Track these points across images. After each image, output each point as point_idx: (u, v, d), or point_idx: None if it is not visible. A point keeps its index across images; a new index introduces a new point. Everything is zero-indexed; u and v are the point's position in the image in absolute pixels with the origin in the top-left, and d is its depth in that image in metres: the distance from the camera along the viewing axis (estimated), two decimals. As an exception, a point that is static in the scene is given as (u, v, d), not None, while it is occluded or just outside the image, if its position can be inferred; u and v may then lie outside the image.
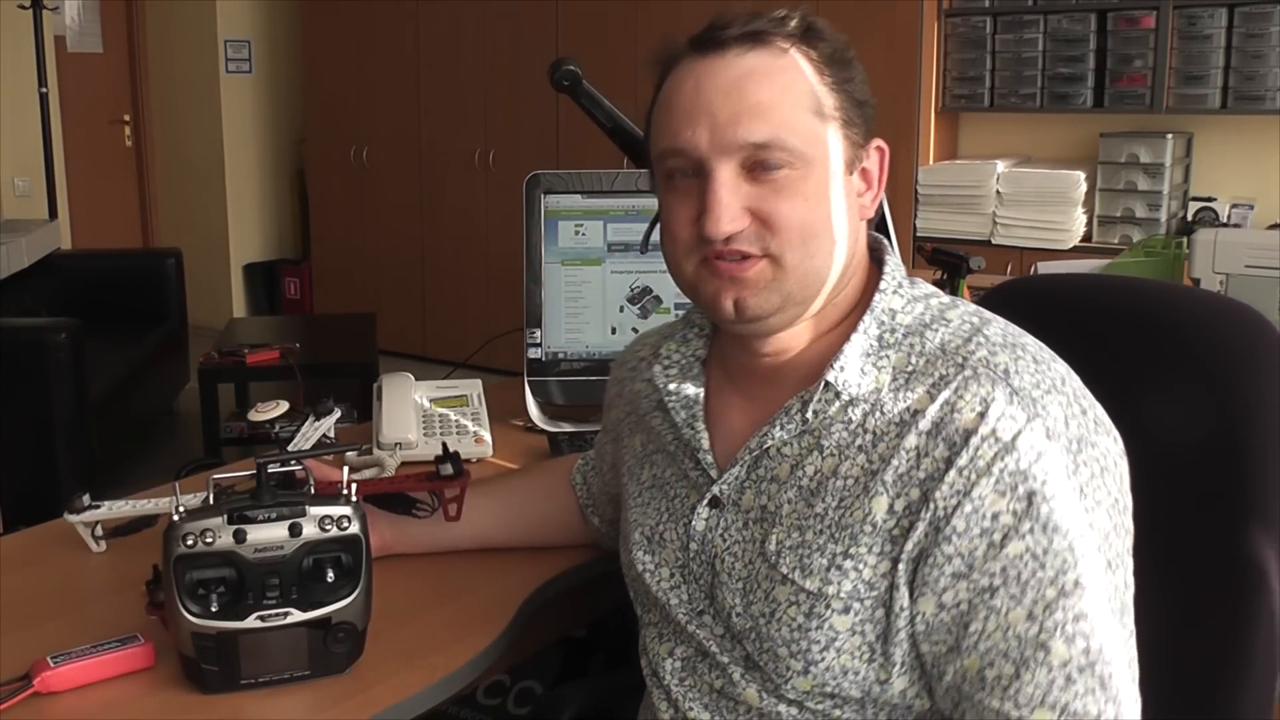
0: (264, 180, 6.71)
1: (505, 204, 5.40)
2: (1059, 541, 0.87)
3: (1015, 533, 0.87)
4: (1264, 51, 3.84)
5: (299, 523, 1.04)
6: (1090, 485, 0.89)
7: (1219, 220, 4.08)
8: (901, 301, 1.01)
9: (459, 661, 1.14)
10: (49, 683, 1.05)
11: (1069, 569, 0.86)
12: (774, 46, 0.97)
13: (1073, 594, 0.86)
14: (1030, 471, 0.87)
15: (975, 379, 0.92)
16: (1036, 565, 0.87)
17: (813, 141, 0.96)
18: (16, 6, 5.09)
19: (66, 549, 1.35)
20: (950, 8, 4.36)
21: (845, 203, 0.99)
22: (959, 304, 1.02)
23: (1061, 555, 0.87)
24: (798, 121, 0.96)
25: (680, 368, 1.11)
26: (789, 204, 0.96)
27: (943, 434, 0.91)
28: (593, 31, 5.03)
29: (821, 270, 0.98)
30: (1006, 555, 0.87)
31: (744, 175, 0.96)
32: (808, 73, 0.97)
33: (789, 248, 0.96)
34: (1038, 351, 0.96)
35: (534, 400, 1.80)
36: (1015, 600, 0.87)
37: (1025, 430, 0.88)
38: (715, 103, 0.96)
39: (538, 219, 1.79)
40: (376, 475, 1.61)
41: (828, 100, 0.97)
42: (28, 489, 3.51)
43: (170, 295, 4.95)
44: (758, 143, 0.95)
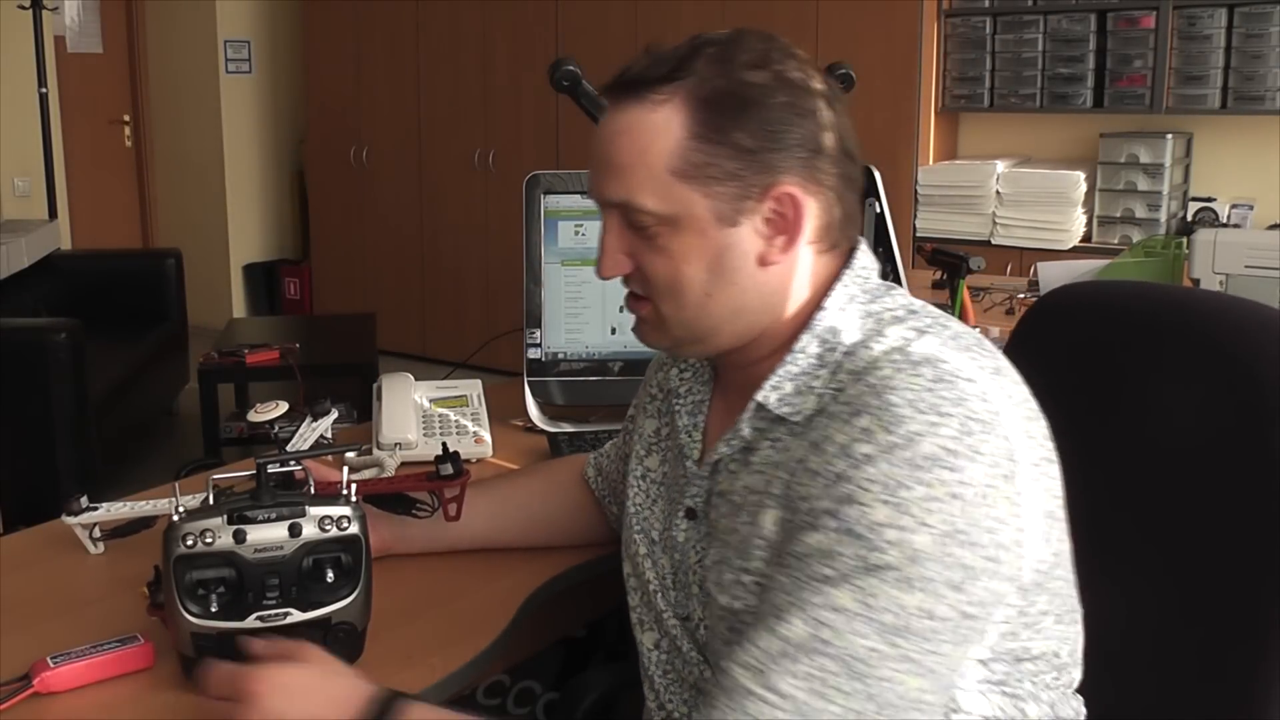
0: (264, 180, 6.71)
1: (505, 204, 5.40)
2: (850, 545, 0.86)
3: (820, 526, 0.87)
4: (1264, 51, 3.84)
5: (299, 523, 1.04)
6: (921, 506, 0.85)
7: (1219, 220, 4.08)
8: (849, 319, 0.99)
9: (459, 661, 1.14)
10: (49, 683, 1.05)
11: (848, 569, 0.85)
12: (648, 100, 0.96)
13: (839, 587, 0.85)
14: (854, 476, 0.87)
15: (864, 393, 0.90)
16: (823, 560, 0.86)
17: (672, 202, 0.96)
18: (16, 6, 5.09)
19: (66, 549, 1.35)
20: (950, 8, 4.36)
21: (726, 257, 0.97)
22: (913, 318, 0.98)
23: (848, 558, 0.85)
24: (653, 184, 0.96)
25: (694, 370, 1.12)
26: (654, 259, 0.98)
27: (810, 436, 0.93)
28: (593, 31, 5.03)
29: (698, 320, 1.00)
30: (805, 542, 0.88)
31: (626, 224, 0.99)
32: (676, 128, 0.95)
33: (662, 300, 1.00)
34: (953, 370, 0.90)
35: (534, 400, 1.80)
36: (791, 579, 0.88)
37: (869, 442, 0.87)
38: (597, 156, 1.00)
39: (538, 219, 1.79)
40: (376, 475, 1.61)
41: (694, 158, 0.95)
42: (28, 489, 3.51)
43: (170, 295, 4.95)
44: (616, 202, 0.98)
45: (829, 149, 0.98)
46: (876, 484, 0.86)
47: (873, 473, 0.86)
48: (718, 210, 0.96)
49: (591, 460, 1.39)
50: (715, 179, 0.95)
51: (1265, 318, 1.11)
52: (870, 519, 0.85)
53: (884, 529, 0.85)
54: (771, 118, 0.95)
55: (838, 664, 0.85)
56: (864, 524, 0.85)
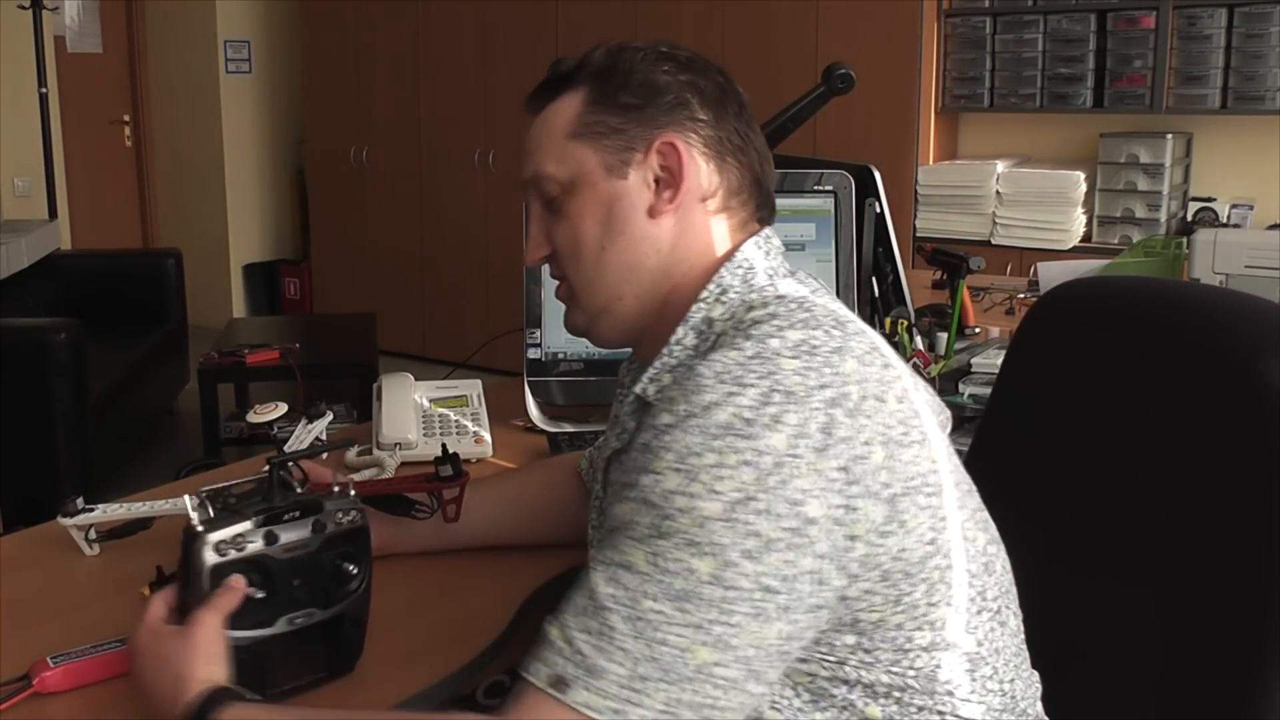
0: (264, 180, 6.71)
1: (505, 204, 5.40)
2: (645, 515, 0.87)
3: (624, 498, 0.90)
4: (1264, 51, 3.84)
5: (321, 519, 1.03)
6: (710, 473, 0.85)
7: (1219, 220, 4.08)
8: (722, 309, 1.01)
9: (459, 661, 1.14)
10: (49, 683, 1.05)
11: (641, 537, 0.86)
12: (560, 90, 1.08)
13: (630, 550, 0.87)
14: (653, 444, 0.89)
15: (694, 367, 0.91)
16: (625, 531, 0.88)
17: (568, 162, 1.06)
18: (16, 6, 5.09)
19: (66, 549, 1.35)
20: (950, 8, 4.36)
21: (616, 208, 1.05)
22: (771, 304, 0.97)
23: (643, 527, 0.87)
24: (555, 150, 1.07)
25: (633, 371, 1.16)
26: (561, 227, 1.07)
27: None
28: (593, 31, 5.03)
29: (597, 280, 1.06)
30: (613, 513, 0.91)
31: (543, 207, 1.09)
32: (576, 103, 1.06)
33: (567, 267, 1.07)
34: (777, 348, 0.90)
35: (534, 400, 1.80)
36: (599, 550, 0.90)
37: (669, 411, 0.89)
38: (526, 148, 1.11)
39: (538, 219, 1.79)
40: (375, 476, 1.61)
41: (587, 119, 1.05)
42: (28, 489, 3.51)
43: (170, 295, 4.95)
44: (526, 180, 1.08)
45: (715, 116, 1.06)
46: (670, 452, 0.87)
47: (668, 440, 0.88)
48: (606, 162, 1.04)
49: (586, 455, 1.40)
50: (602, 134, 1.05)
51: (1266, 311, 1.11)
52: (663, 487, 0.87)
53: (674, 496, 0.86)
54: (653, 80, 1.05)
55: (626, 623, 0.85)
56: (657, 492, 0.87)
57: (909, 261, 3.71)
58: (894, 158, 4.29)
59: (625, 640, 0.85)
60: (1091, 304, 1.27)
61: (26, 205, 5.76)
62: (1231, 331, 1.11)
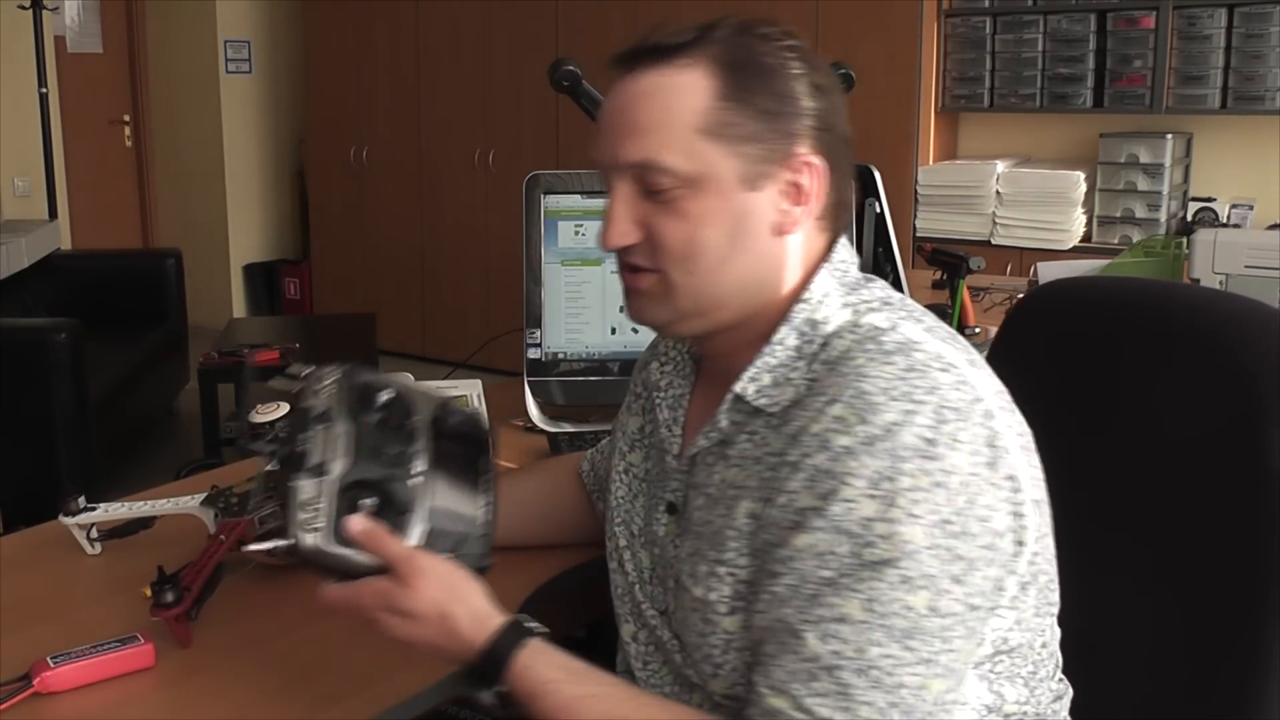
0: (264, 180, 6.71)
1: (505, 204, 5.40)
2: (844, 545, 0.85)
3: (808, 526, 0.87)
4: (1264, 51, 3.84)
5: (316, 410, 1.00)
6: (909, 496, 0.85)
7: (1219, 220, 4.08)
8: (827, 311, 0.99)
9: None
10: (49, 683, 1.05)
11: (849, 573, 0.85)
12: (676, 63, 0.97)
13: (842, 595, 0.85)
14: (836, 470, 0.86)
15: (834, 383, 0.91)
16: (818, 563, 0.86)
17: (697, 161, 0.95)
18: (16, 6, 5.09)
19: (67, 549, 1.35)
20: (950, 8, 4.36)
21: (745, 222, 0.97)
22: (887, 308, 0.98)
23: (844, 559, 0.85)
24: (680, 142, 0.95)
25: (675, 364, 1.12)
26: (672, 223, 0.97)
27: (787, 429, 0.93)
28: (593, 31, 5.03)
29: (709, 289, 0.98)
30: (794, 545, 0.88)
31: (639, 191, 0.98)
32: (703, 90, 0.96)
33: (673, 267, 0.98)
34: (927, 360, 0.91)
35: (534, 400, 1.80)
36: (792, 590, 0.87)
37: (847, 433, 0.87)
38: (613, 121, 0.99)
39: (538, 219, 1.79)
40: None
41: (722, 117, 0.96)
42: (28, 489, 3.50)
43: (170, 295, 4.95)
44: (634, 163, 0.97)
45: (838, 129, 1.00)
46: (859, 478, 0.86)
47: (854, 465, 0.86)
48: (742, 171, 0.96)
49: (587, 457, 1.40)
50: (741, 139, 0.96)
51: (1252, 310, 1.12)
52: (859, 514, 0.85)
53: (873, 523, 0.85)
54: (789, 87, 0.97)
55: (859, 676, 0.84)
56: (853, 519, 0.85)
57: (909, 261, 3.71)
58: (894, 158, 4.28)
59: (865, 693, 0.84)
60: (1076, 304, 1.27)
61: (26, 205, 5.76)
62: (1214, 329, 1.12)
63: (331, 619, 1.21)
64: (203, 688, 1.09)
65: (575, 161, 4.81)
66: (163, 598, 1.11)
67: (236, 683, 1.09)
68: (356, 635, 1.18)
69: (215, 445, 3.97)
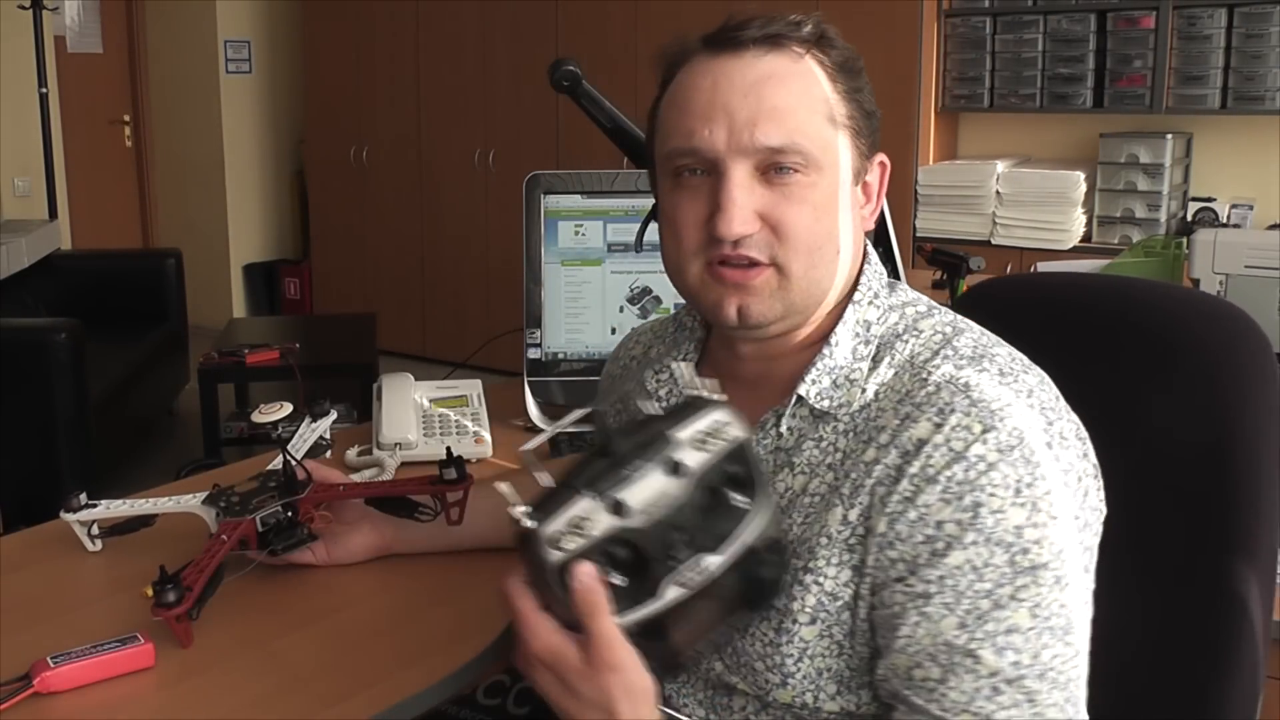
0: (264, 180, 6.71)
1: (505, 204, 5.40)
2: (1000, 555, 0.86)
3: (958, 543, 0.86)
4: (1264, 51, 3.84)
5: (673, 457, 0.85)
6: (1047, 499, 0.87)
7: (1218, 220, 4.08)
8: (877, 312, 1.00)
9: (459, 661, 1.14)
10: (49, 683, 1.05)
11: (1007, 582, 0.85)
12: (790, 51, 0.96)
13: (1008, 606, 0.85)
14: (978, 482, 0.87)
15: (937, 393, 0.91)
16: (975, 577, 0.86)
17: (825, 148, 0.96)
18: (16, 6, 5.09)
19: (66, 549, 1.35)
20: (950, 8, 4.36)
21: (850, 214, 0.99)
22: (935, 312, 1.01)
23: (1001, 569, 0.86)
24: (812, 127, 0.95)
25: (670, 373, 1.11)
26: (798, 210, 0.95)
27: (896, 443, 0.90)
28: (593, 31, 5.03)
29: (824, 281, 0.98)
30: (946, 564, 0.86)
31: (758, 178, 0.95)
32: (822, 79, 0.97)
33: (795, 257, 0.95)
34: (1008, 363, 0.95)
35: (534, 400, 1.80)
36: (949, 609, 0.86)
37: (977, 442, 0.87)
38: (734, 103, 0.94)
39: (538, 219, 1.79)
40: (376, 476, 1.61)
41: (840, 108, 0.97)
42: (28, 489, 3.51)
43: (170, 295, 4.95)
44: (774, 146, 0.94)
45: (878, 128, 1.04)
46: (1003, 488, 0.87)
47: (996, 476, 0.87)
48: (855, 164, 0.99)
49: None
50: (855, 133, 0.99)
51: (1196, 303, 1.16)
52: (1010, 523, 0.86)
53: (1024, 529, 0.86)
54: (868, 91, 1.01)
55: (1040, 680, 0.85)
56: (1004, 529, 0.86)
57: (909, 261, 3.72)
58: (894, 157, 4.22)
59: (1048, 694, 0.86)
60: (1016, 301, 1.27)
61: (26, 205, 5.76)
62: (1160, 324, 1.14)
63: (330, 619, 1.21)
64: (203, 688, 1.09)
65: (575, 161, 4.82)
66: (164, 597, 1.11)
67: (236, 683, 1.09)
68: (356, 635, 1.18)
69: (215, 445, 3.97)
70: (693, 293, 1.00)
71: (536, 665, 0.88)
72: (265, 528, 1.23)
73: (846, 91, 0.98)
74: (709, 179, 0.96)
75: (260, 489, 1.27)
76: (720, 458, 0.85)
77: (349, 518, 1.31)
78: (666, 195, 1.01)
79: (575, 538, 0.83)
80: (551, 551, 0.83)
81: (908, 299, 1.02)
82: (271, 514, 1.23)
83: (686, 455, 0.84)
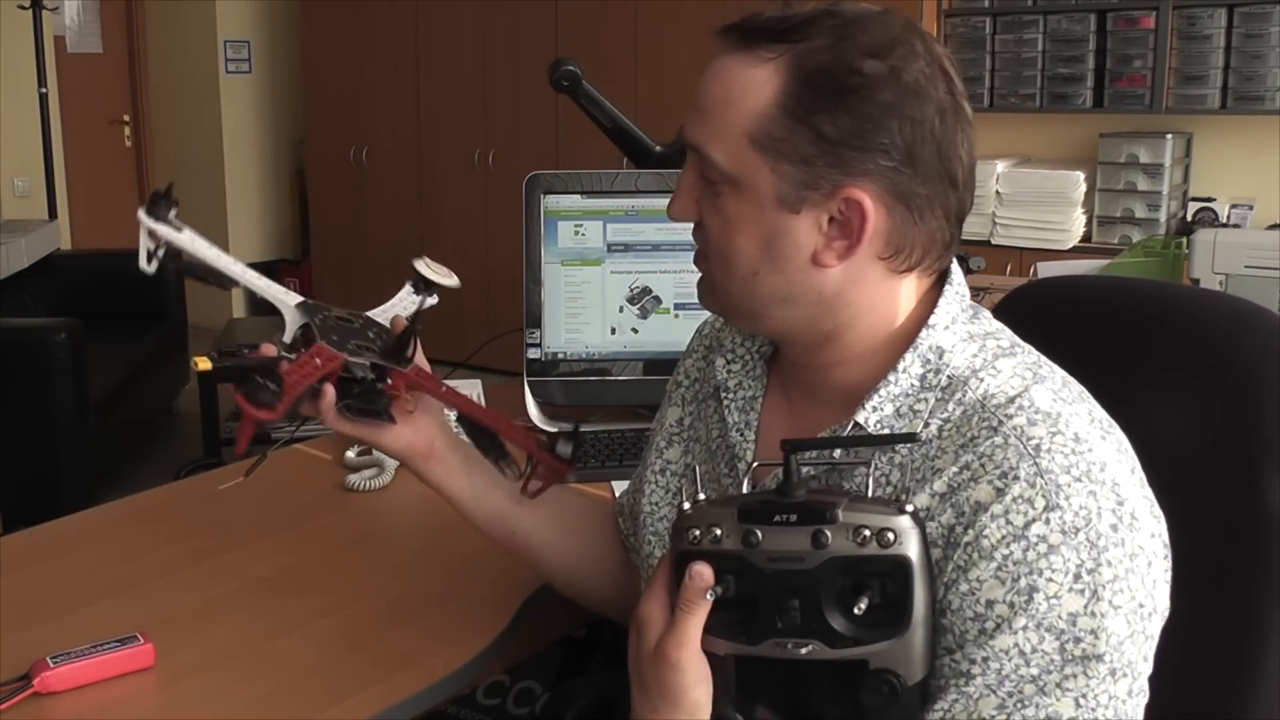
0: (264, 180, 6.71)
1: (505, 204, 5.40)
2: (1050, 643, 0.81)
3: (1008, 626, 0.82)
4: (1264, 51, 3.84)
5: (824, 531, 0.82)
6: (1109, 587, 0.82)
7: (1218, 220, 4.08)
8: (953, 340, 0.92)
9: (459, 661, 1.14)
10: (49, 683, 1.05)
11: (1055, 669, 0.82)
12: (754, 54, 0.89)
13: (1051, 694, 0.82)
14: (1037, 565, 0.81)
15: (1004, 448, 0.84)
16: (1022, 661, 0.82)
17: (740, 165, 0.89)
18: (16, 6, 5.09)
19: (67, 549, 1.35)
20: (950, 8, 4.36)
21: (778, 241, 0.90)
22: (1017, 351, 0.93)
23: (1050, 656, 0.81)
24: (728, 140, 0.89)
25: (744, 362, 1.04)
26: (713, 218, 0.93)
27: (953, 500, 0.85)
28: (593, 31, 5.03)
29: (744, 297, 0.93)
30: (993, 646, 0.82)
31: (700, 172, 0.93)
32: (767, 94, 0.88)
33: (712, 263, 0.94)
34: (1085, 428, 0.86)
35: (534, 400, 1.80)
36: (990, 690, 0.82)
37: (1039, 520, 0.82)
38: (693, 94, 0.93)
39: (537, 219, 1.79)
40: (375, 476, 1.61)
41: (773, 129, 0.87)
42: (28, 489, 3.51)
43: (170, 295, 4.94)
44: (690, 143, 0.93)
45: (925, 163, 0.88)
46: (1061, 572, 0.81)
47: (1055, 561, 0.81)
48: (780, 191, 0.88)
49: (616, 506, 1.28)
50: (785, 157, 0.88)
51: (1242, 312, 1.10)
52: (1065, 610, 0.81)
53: (1079, 618, 0.81)
54: (865, 114, 0.86)
55: None
56: (1058, 615, 0.81)
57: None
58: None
59: None
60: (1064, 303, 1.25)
61: (26, 205, 5.76)
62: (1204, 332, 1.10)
63: (330, 619, 1.21)
64: (203, 688, 1.09)
65: (575, 161, 4.82)
66: (258, 394, 0.99)
67: (236, 683, 1.09)
68: (356, 635, 1.18)
69: (215, 445, 3.97)
70: None
71: (634, 624, 0.88)
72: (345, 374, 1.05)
73: (795, 113, 0.87)
74: None
75: (358, 330, 1.11)
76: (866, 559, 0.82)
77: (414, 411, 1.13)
78: None
79: (705, 539, 0.84)
80: (683, 540, 0.85)
81: (990, 329, 0.95)
82: (362, 365, 1.06)
83: (837, 536, 0.82)
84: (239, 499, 1.56)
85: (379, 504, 1.56)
